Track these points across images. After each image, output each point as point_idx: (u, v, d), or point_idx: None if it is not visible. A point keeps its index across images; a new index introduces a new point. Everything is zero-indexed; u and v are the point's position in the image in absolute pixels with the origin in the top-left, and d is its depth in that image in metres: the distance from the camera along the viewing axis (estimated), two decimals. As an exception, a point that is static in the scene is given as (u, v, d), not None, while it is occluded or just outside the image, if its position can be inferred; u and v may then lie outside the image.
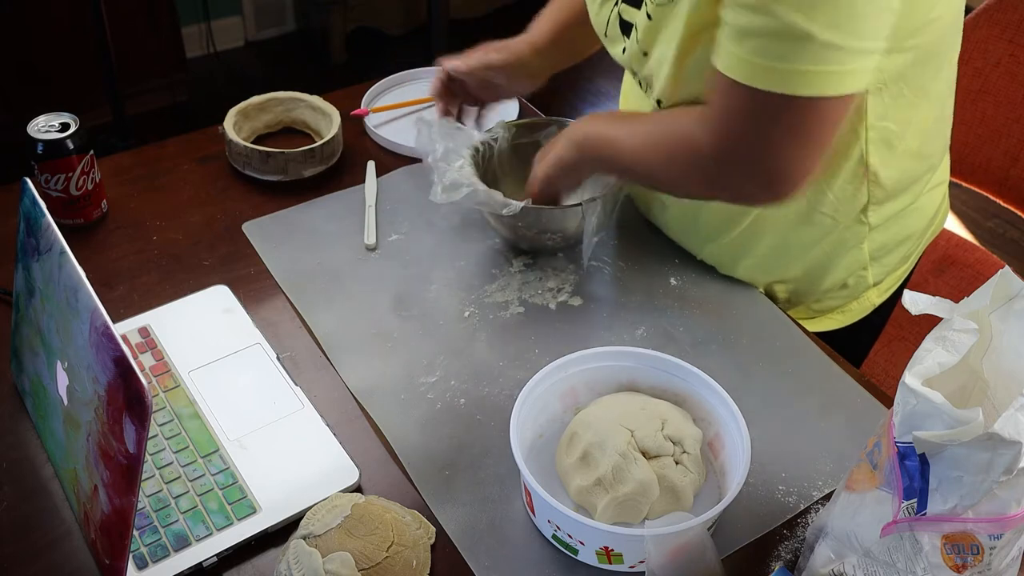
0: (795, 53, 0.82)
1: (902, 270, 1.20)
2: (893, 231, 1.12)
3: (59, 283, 0.81)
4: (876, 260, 1.13)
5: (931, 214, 1.18)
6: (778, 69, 0.83)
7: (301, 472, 0.93)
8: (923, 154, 1.07)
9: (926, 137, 1.06)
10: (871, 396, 1.03)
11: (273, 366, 1.03)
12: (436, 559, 0.87)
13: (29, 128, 1.13)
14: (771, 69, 0.84)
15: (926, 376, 0.69)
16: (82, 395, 0.79)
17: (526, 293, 1.14)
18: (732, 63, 0.86)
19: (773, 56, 0.83)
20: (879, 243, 1.12)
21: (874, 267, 1.14)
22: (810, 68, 0.83)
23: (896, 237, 1.13)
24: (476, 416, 0.99)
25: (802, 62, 0.83)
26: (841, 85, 0.85)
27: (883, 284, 1.18)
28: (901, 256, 1.17)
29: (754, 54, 0.84)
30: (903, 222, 1.12)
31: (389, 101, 1.44)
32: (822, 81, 0.84)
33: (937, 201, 1.19)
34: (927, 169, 1.11)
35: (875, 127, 0.99)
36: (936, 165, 1.13)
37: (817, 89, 0.84)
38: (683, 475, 0.88)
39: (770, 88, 0.85)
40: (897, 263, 1.17)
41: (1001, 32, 1.33)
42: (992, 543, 0.69)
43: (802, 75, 0.83)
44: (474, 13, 3.48)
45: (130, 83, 2.65)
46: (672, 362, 0.95)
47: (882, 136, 1.00)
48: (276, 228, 1.21)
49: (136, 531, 0.86)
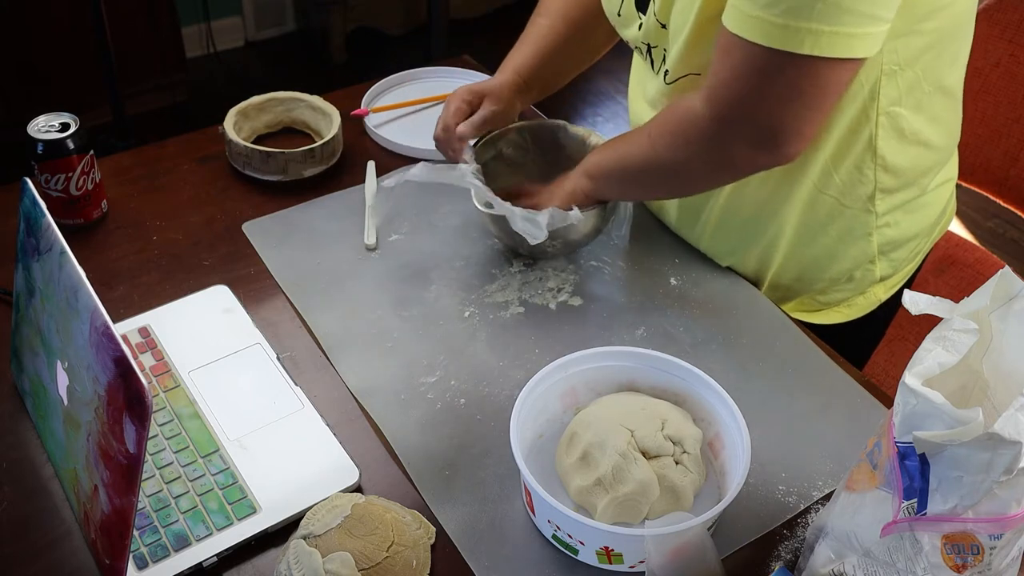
0: (807, 11, 0.83)
1: (909, 267, 1.20)
2: (903, 226, 1.12)
3: (59, 283, 0.81)
4: (884, 255, 1.14)
5: (939, 211, 1.19)
6: (789, 27, 0.84)
7: (301, 472, 0.93)
8: (933, 146, 1.08)
9: (937, 129, 1.07)
10: (871, 396, 1.03)
11: (273, 366, 1.03)
12: (436, 559, 0.87)
13: (29, 128, 1.13)
14: (780, 26, 0.85)
15: (926, 376, 0.69)
16: (82, 395, 0.79)
17: (526, 293, 1.14)
18: (740, 20, 0.87)
19: (784, 13, 0.84)
20: (888, 237, 1.12)
21: (882, 261, 1.14)
22: (821, 27, 0.83)
23: (905, 233, 1.14)
24: (476, 416, 0.99)
25: (812, 20, 0.83)
26: (848, 48, 0.85)
27: (890, 280, 1.18)
28: (909, 252, 1.17)
29: (764, 10, 0.85)
30: (912, 217, 1.13)
31: (389, 101, 1.44)
32: (829, 41, 0.84)
33: (945, 198, 1.19)
34: (936, 162, 1.11)
35: (887, 112, 1.00)
36: (945, 160, 1.14)
37: (824, 49, 0.85)
38: (683, 475, 0.88)
39: (777, 45, 0.85)
40: (905, 260, 1.18)
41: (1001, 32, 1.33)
42: (992, 543, 0.69)
43: (811, 33, 0.84)
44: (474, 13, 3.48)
45: (130, 83, 2.64)
46: (672, 362, 0.95)
47: (893, 122, 1.01)
48: (276, 228, 1.21)
49: (136, 531, 0.86)
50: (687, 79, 1.02)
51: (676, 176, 1.07)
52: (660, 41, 1.04)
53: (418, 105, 1.43)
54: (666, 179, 1.08)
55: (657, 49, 1.06)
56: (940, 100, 1.04)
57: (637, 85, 1.18)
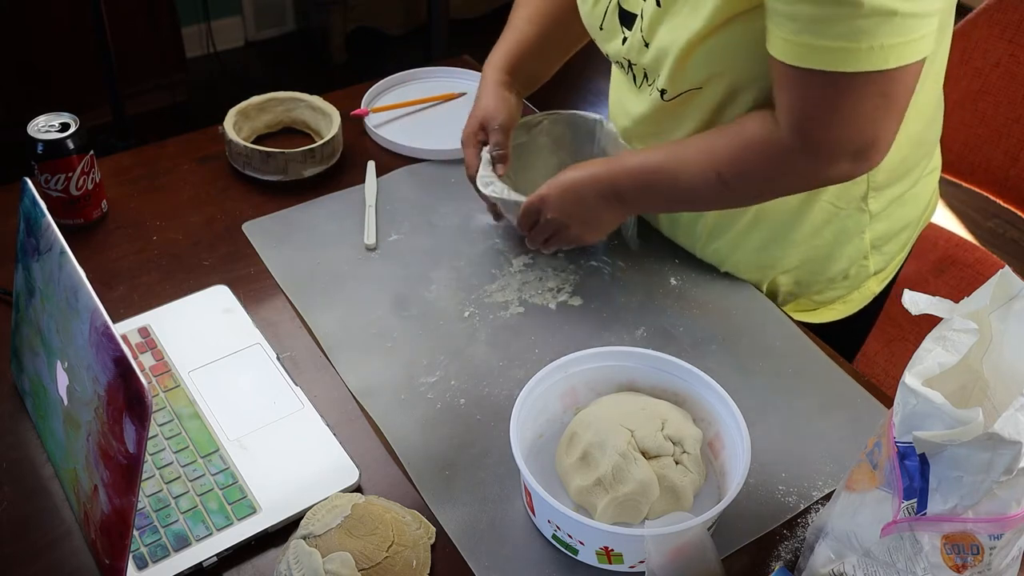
0: (880, 30, 0.83)
1: (899, 258, 1.21)
2: (893, 219, 1.13)
3: (59, 283, 0.81)
4: (877, 249, 1.14)
5: (927, 200, 1.20)
6: (865, 48, 0.84)
7: (301, 472, 0.93)
8: (922, 140, 1.09)
9: (926, 123, 1.08)
10: (871, 396, 1.03)
11: (273, 366, 1.03)
12: (436, 559, 0.87)
13: (29, 128, 1.13)
14: (855, 51, 0.85)
15: (926, 376, 0.69)
16: (82, 395, 0.79)
17: (526, 293, 1.14)
18: (808, 53, 0.87)
19: (857, 38, 0.84)
20: (879, 232, 1.13)
21: (875, 256, 1.15)
22: (895, 41, 0.84)
23: (895, 225, 1.14)
24: (476, 416, 0.99)
25: (888, 37, 0.84)
26: (921, 50, 0.87)
27: (883, 273, 1.19)
28: (900, 244, 1.18)
29: (838, 39, 0.85)
30: (902, 210, 1.14)
31: (389, 101, 1.44)
32: (904, 51, 0.85)
33: (932, 187, 1.21)
34: (924, 155, 1.13)
35: None
36: (931, 152, 1.16)
37: (903, 58, 0.86)
38: (683, 475, 0.88)
39: (860, 68, 0.86)
40: (896, 251, 1.18)
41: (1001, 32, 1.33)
42: (992, 543, 0.69)
43: (890, 49, 0.85)
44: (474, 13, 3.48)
45: (130, 83, 2.64)
46: (672, 362, 0.95)
47: None
48: (276, 228, 1.21)
49: (136, 531, 0.86)
50: (687, 95, 1.01)
51: (743, 202, 1.07)
52: (640, 59, 1.02)
53: (418, 105, 1.43)
54: (726, 205, 1.08)
55: (638, 67, 1.04)
56: (928, 91, 1.04)
57: (617, 102, 1.17)
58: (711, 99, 1.01)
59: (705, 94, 1.00)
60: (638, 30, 1.01)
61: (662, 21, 0.97)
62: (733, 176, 0.99)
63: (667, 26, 0.97)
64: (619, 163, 1.07)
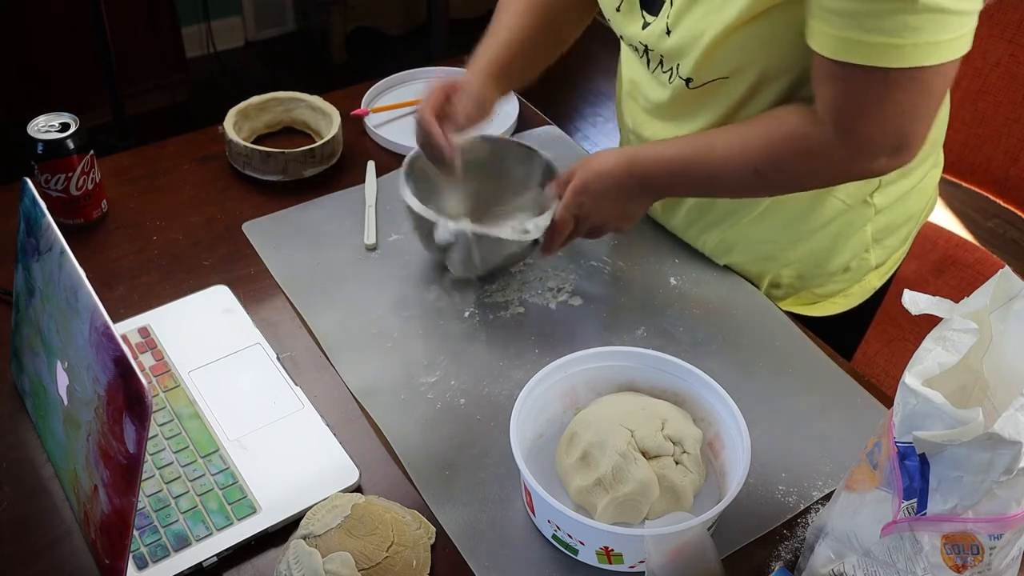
0: (928, 26, 0.84)
1: (900, 252, 1.21)
2: (896, 212, 1.14)
3: (59, 283, 0.81)
4: (878, 242, 1.14)
5: (929, 195, 1.20)
6: (911, 44, 0.85)
7: (301, 472, 0.93)
8: (933, 137, 1.09)
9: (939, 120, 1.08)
10: (871, 396, 1.03)
11: (273, 366, 1.03)
12: (436, 559, 0.87)
13: (29, 128, 1.13)
14: (902, 46, 0.85)
15: (926, 376, 0.69)
16: (82, 395, 0.79)
17: (526, 293, 1.14)
18: (854, 48, 0.87)
19: (905, 34, 0.84)
20: (882, 225, 1.13)
21: (876, 249, 1.15)
22: (941, 38, 0.85)
23: (898, 219, 1.15)
24: (476, 416, 0.99)
25: (935, 34, 0.84)
26: (962, 47, 0.87)
27: (883, 266, 1.19)
28: (901, 238, 1.18)
29: (885, 35, 0.85)
30: (905, 204, 1.14)
31: (389, 101, 1.44)
32: (948, 48, 0.86)
33: (934, 183, 1.21)
34: (931, 151, 1.13)
35: None
36: (937, 148, 1.16)
37: (947, 55, 0.86)
38: (683, 475, 0.88)
39: (906, 64, 0.86)
40: (897, 244, 1.19)
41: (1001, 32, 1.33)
42: (992, 543, 0.69)
43: (936, 46, 0.85)
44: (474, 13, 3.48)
45: (130, 83, 2.64)
46: (672, 362, 0.95)
47: None
48: (276, 228, 1.21)
49: (136, 531, 0.86)
50: (713, 84, 1.00)
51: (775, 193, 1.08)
52: (660, 45, 1.01)
53: (418, 105, 1.43)
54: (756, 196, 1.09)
55: (655, 52, 1.03)
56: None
57: (631, 81, 1.14)
58: (737, 89, 1.00)
59: (731, 83, 0.99)
60: (664, 17, 0.99)
61: (690, 8, 0.96)
62: (770, 169, 0.99)
63: (696, 14, 0.96)
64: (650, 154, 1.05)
